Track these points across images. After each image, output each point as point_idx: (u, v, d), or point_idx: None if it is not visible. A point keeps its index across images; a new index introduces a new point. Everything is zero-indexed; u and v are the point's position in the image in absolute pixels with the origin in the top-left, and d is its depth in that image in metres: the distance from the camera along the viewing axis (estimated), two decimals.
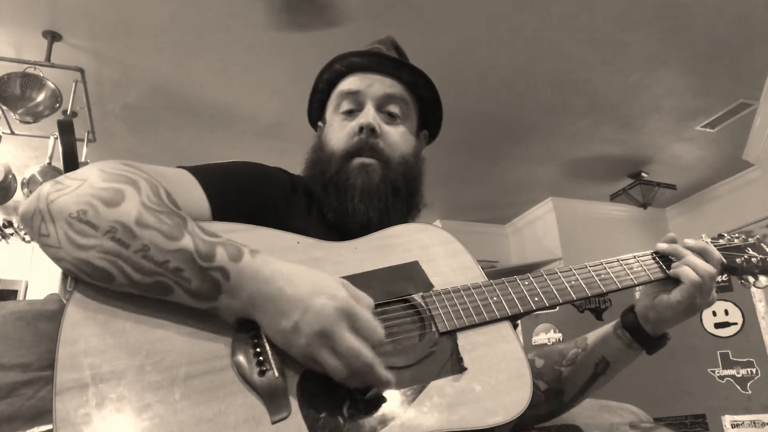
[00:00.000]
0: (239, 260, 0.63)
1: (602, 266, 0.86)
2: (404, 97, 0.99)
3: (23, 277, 4.92)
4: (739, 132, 3.78)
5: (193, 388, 0.59)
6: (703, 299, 0.84)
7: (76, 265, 0.61)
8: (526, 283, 0.81)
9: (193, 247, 0.62)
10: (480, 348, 0.72)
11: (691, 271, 0.83)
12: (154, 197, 0.65)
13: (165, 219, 0.63)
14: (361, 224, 0.89)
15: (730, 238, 0.97)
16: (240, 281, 0.62)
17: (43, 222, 0.62)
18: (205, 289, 0.62)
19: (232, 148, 4.00)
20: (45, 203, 0.62)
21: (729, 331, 1.56)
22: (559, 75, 3.30)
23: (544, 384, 0.93)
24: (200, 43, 2.92)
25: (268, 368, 0.62)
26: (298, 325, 0.61)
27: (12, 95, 2.77)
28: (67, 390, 0.55)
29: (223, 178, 0.84)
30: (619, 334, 0.90)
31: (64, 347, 0.58)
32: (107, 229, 0.60)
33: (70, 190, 0.63)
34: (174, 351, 0.61)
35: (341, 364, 0.61)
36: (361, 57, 0.99)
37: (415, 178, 0.98)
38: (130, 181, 0.65)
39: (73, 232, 0.60)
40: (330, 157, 0.95)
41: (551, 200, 5.16)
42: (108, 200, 0.62)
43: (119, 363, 0.58)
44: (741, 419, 1.47)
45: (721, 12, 2.78)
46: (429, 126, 1.09)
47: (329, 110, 1.02)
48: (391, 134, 0.95)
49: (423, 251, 0.83)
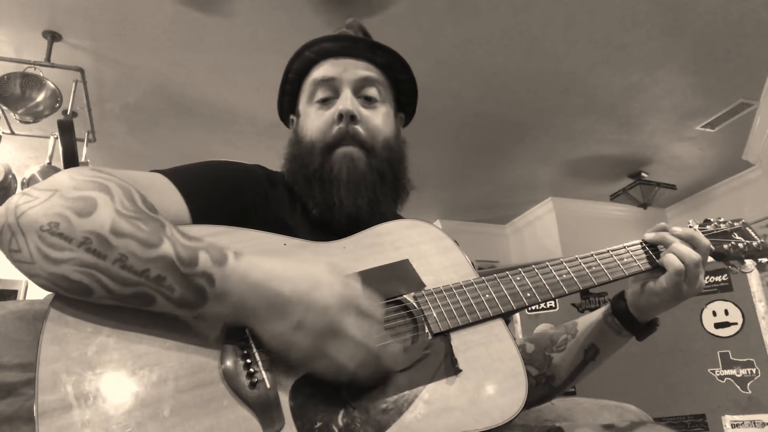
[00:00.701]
0: (224, 264, 0.60)
1: (593, 258, 0.85)
2: (381, 79, 0.96)
3: (23, 277, 4.90)
4: (739, 132, 3.78)
5: (183, 404, 0.56)
6: (690, 286, 0.83)
7: (52, 281, 0.58)
8: (517, 278, 0.80)
9: (174, 253, 0.58)
10: (474, 348, 0.71)
11: (675, 258, 0.83)
12: (128, 203, 0.61)
13: (141, 225, 0.59)
14: (348, 215, 0.87)
15: (717, 224, 0.97)
16: (226, 286, 0.59)
17: (13, 237, 0.58)
18: (190, 297, 0.59)
19: (232, 148, 4.00)
20: (14, 216, 0.58)
21: (729, 331, 1.56)
22: (559, 75, 3.30)
23: (535, 369, 0.93)
24: (200, 43, 2.92)
25: (259, 379, 0.60)
26: (303, 323, 0.59)
27: (12, 95, 2.77)
28: (50, 411, 0.52)
29: (200, 179, 0.80)
30: (609, 320, 0.90)
31: (45, 366, 0.55)
32: (81, 241, 0.57)
33: (39, 201, 0.59)
34: (160, 365, 0.58)
35: (351, 356, 0.60)
36: (332, 42, 0.96)
37: (399, 161, 0.95)
38: (102, 187, 0.61)
39: (46, 245, 0.57)
40: (311, 150, 0.91)
41: (551, 200, 5.16)
42: (80, 210, 0.58)
43: (104, 381, 0.56)
44: (741, 419, 1.47)
45: (721, 12, 2.78)
46: (404, 108, 1.05)
47: (302, 101, 0.99)
48: (371, 118, 0.92)
49: (413, 248, 0.81)
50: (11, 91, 2.76)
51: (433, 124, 3.70)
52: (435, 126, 3.74)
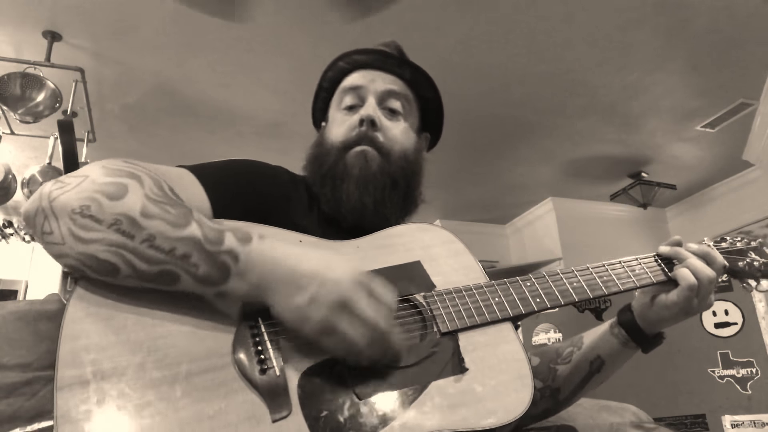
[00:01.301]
0: (248, 243, 0.64)
1: (604, 268, 0.85)
2: (406, 94, 1.00)
3: (23, 277, 4.92)
4: (739, 132, 3.78)
5: (194, 386, 0.58)
6: (700, 302, 0.84)
7: (80, 260, 0.61)
8: (528, 284, 0.80)
9: (201, 233, 0.62)
10: (481, 348, 0.72)
11: (689, 273, 0.83)
12: (157, 190, 0.65)
13: (170, 209, 0.63)
14: (353, 210, 0.89)
15: (732, 241, 0.96)
16: (249, 263, 0.63)
17: (46, 220, 0.61)
18: (214, 274, 0.62)
19: (232, 148, 4.00)
20: (47, 201, 0.62)
21: (729, 331, 1.56)
22: (559, 75, 3.30)
23: (540, 382, 0.93)
24: (200, 43, 2.92)
25: (269, 366, 0.62)
26: (316, 296, 0.62)
27: (12, 95, 2.77)
28: (68, 386, 0.55)
29: (223, 176, 0.84)
30: (615, 332, 0.90)
31: (66, 343, 0.58)
32: (111, 222, 0.60)
33: (71, 186, 0.62)
34: (175, 348, 0.61)
35: (361, 333, 0.62)
36: (364, 54, 1.00)
37: (414, 174, 0.98)
38: (133, 175, 0.65)
39: (77, 227, 0.60)
40: (329, 150, 0.95)
41: (551, 200, 5.16)
42: (111, 194, 0.62)
43: (121, 360, 0.58)
44: (741, 419, 1.47)
45: (721, 12, 2.78)
46: (430, 128, 1.08)
47: (332, 108, 1.02)
48: (391, 129, 0.95)
49: (425, 251, 0.83)
50: (11, 91, 2.76)
51: None
52: None
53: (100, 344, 0.59)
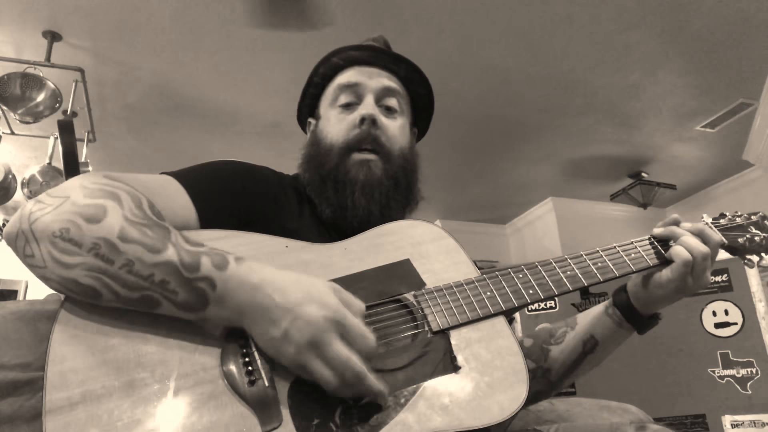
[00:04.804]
0: (225, 269, 0.62)
1: (599, 254, 0.84)
2: (401, 92, 0.99)
3: (23, 277, 4.92)
4: (739, 132, 3.78)
5: (184, 401, 0.58)
6: (695, 280, 0.83)
7: (63, 284, 0.60)
8: (520, 275, 0.79)
9: (178, 258, 0.61)
10: (474, 345, 0.70)
11: (683, 250, 0.82)
12: (136, 210, 0.64)
13: (148, 232, 0.62)
14: (361, 218, 0.88)
15: (732, 217, 0.95)
16: (227, 290, 0.61)
17: (27, 243, 0.61)
18: (193, 300, 0.61)
19: (232, 148, 4.00)
20: (27, 224, 0.61)
21: (729, 331, 1.56)
22: (559, 75, 3.30)
23: (532, 363, 0.93)
24: (200, 43, 2.92)
25: (258, 377, 0.61)
26: (288, 333, 0.60)
27: (12, 95, 2.76)
28: (57, 409, 0.55)
29: (208, 180, 0.82)
30: (610, 312, 0.90)
31: (53, 365, 0.57)
32: (90, 246, 0.59)
33: (51, 208, 0.62)
34: (163, 364, 0.60)
35: (332, 375, 0.59)
36: (359, 51, 0.99)
37: (413, 171, 0.98)
38: (112, 195, 0.64)
39: (57, 251, 0.59)
40: (329, 150, 0.93)
41: (551, 200, 5.16)
42: (90, 217, 0.61)
43: (108, 379, 0.58)
44: (741, 419, 1.47)
45: (721, 12, 2.78)
46: (419, 122, 1.09)
47: (324, 104, 1.01)
48: (390, 127, 0.95)
49: (414, 248, 0.81)
50: (11, 91, 2.76)
51: (433, 123, 3.69)
52: (435, 126, 3.72)
53: (87, 365, 0.58)
